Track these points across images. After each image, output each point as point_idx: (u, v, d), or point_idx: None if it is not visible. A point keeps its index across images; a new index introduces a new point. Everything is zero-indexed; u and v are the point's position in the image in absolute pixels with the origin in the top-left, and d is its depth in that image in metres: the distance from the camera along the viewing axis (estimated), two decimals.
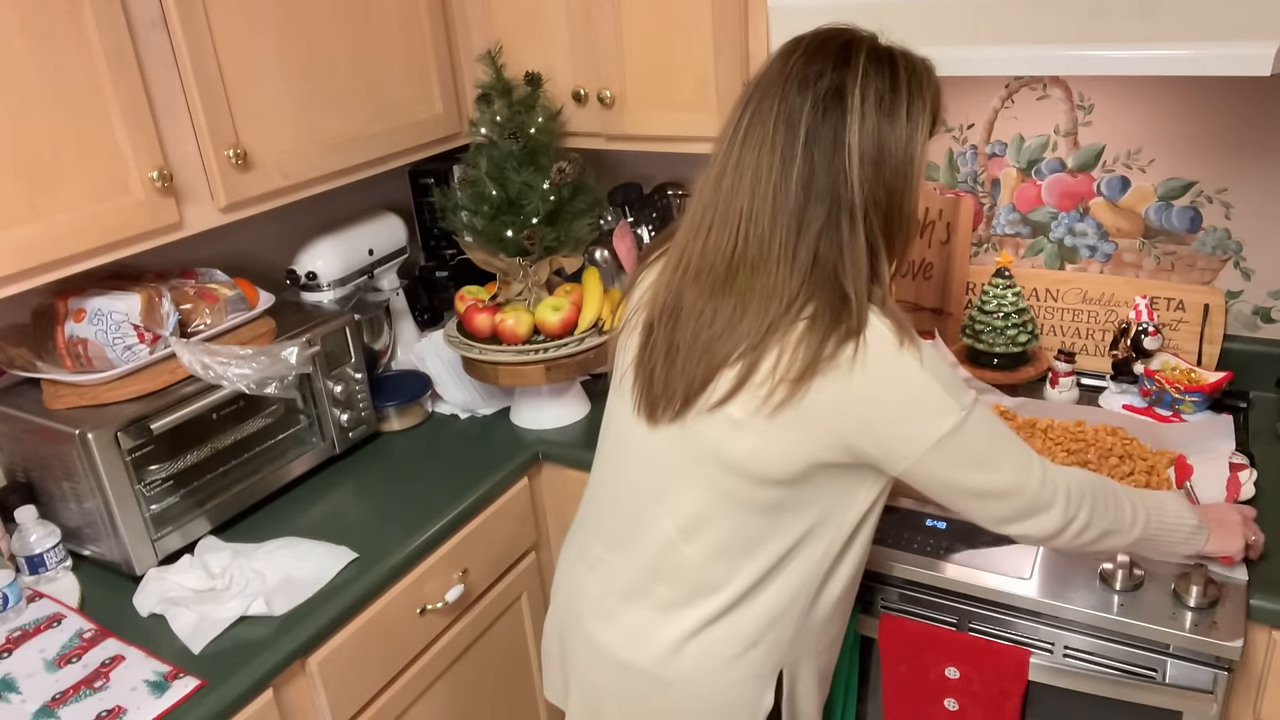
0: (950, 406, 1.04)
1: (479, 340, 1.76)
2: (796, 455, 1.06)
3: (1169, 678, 1.28)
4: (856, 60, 1.03)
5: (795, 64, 1.05)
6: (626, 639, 1.19)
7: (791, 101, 1.03)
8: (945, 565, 1.37)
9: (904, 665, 1.43)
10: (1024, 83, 1.80)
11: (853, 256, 1.03)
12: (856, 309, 1.02)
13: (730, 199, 1.06)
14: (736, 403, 1.06)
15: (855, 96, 1.02)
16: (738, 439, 1.07)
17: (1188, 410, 1.64)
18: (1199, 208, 1.74)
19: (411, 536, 1.51)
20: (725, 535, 1.12)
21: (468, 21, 1.86)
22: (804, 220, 1.02)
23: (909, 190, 1.05)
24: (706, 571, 1.14)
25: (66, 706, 1.19)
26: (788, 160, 1.02)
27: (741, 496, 1.10)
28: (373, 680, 1.45)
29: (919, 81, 1.07)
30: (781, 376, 1.03)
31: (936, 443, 1.04)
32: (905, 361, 1.03)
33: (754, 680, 1.16)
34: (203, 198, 1.46)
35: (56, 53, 1.25)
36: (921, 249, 1.95)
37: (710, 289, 1.08)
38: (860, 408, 1.03)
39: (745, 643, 1.15)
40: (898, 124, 1.03)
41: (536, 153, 1.70)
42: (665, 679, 1.16)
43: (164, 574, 1.40)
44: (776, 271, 1.03)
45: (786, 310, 1.03)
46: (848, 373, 1.02)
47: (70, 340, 1.43)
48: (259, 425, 1.59)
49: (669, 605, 1.16)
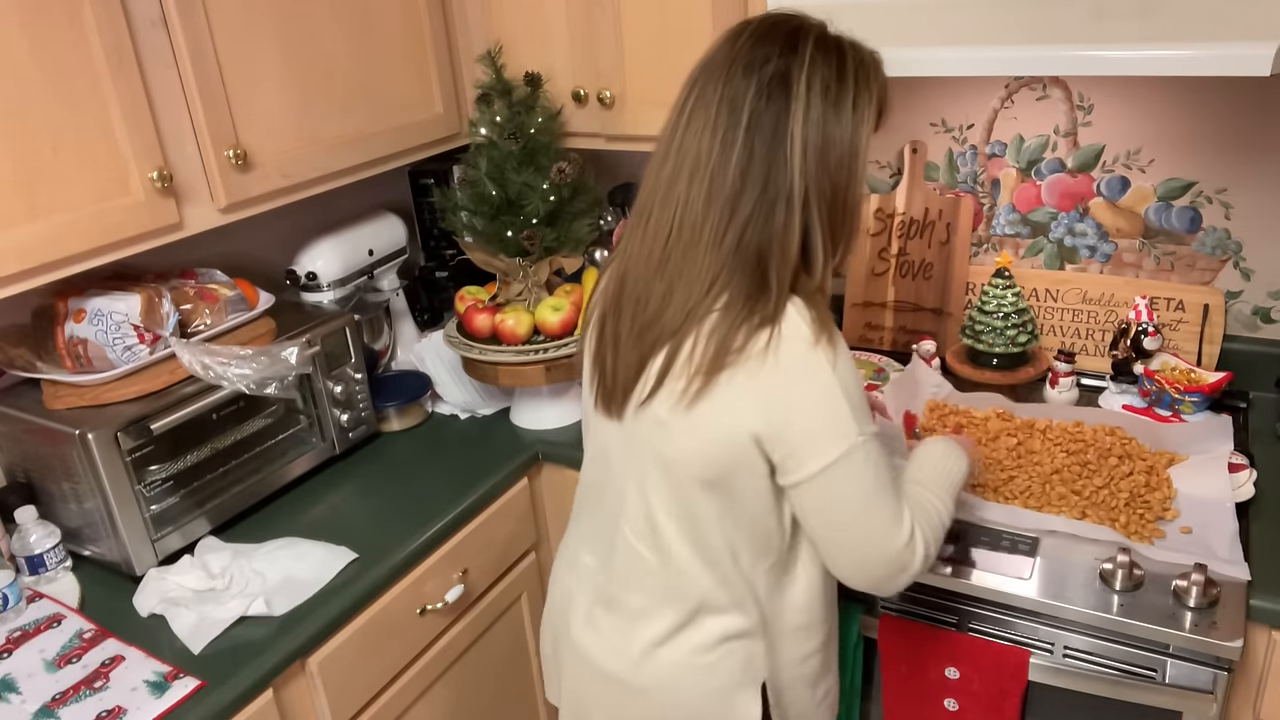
0: (849, 430, 1.01)
1: (479, 340, 1.76)
2: (717, 453, 1.04)
3: (1169, 678, 1.28)
4: (804, 47, 1.01)
5: (742, 47, 1.03)
6: (604, 647, 1.18)
7: (735, 86, 1.01)
8: (945, 565, 1.37)
9: (904, 665, 1.43)
10: (1024, 83, 1.80)
11: (783, 246, 1.00)
12: (775, 299, 0.99)
13: (671, 184, 1.04)
14: (660, 399, 1.05)
15: (801, 84, 0.99)
16: (667, 439, 1.06)
17: (1187, 410, 1.64)
18: (1199, 208, 1.74)
19: (411, 536, 1.51)
20: (677, 541, 1.10)
21: (468, 21, 1.86)
22: (737, 206, 1.00)
23: (853, 182, 1.03)
24: (667, 579, 1.12)
25: (66, 707, 1.19)
26: (728, 145, 1.00)
27: (684, 499, 1.08)
28: (373, 680, 1.45)
29: (866, 72, 1.04)
30: (696, 368, 1.01)
31: (830, 464, 1.01)
32: (817, 361, 0.99)
33: (734, 689, 1.13)
34: (203, 198, 1.46)
35: (56, 52, 1.25)
36: (921, 249, 1.96)
37: (647, 275, 1.05)
38: (768, 402, 1.00)
39: (717, 651, 1.12)
40: (843, 114, 1.01)
41: (536, 153, 1.70)
42: (642, 687, 1.15)
43: (164, 574, 1.40)
44: (702, 257, 1.01)
45: (704, 296, 1.01)
46: (759, 365, 0.99)
47: (70, 340, 1.43)
48: (259, 425, 1.59)
49: (639, 614, 1.14)
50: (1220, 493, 1.41)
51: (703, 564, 1.10)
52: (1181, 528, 1.38)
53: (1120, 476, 1.48)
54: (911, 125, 1.93)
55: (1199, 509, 1.41)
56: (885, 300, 2.01)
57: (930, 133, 1.91)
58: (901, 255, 1.98)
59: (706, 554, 1.10)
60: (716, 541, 1.09)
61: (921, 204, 1.94)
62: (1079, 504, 1.43)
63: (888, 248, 1.99)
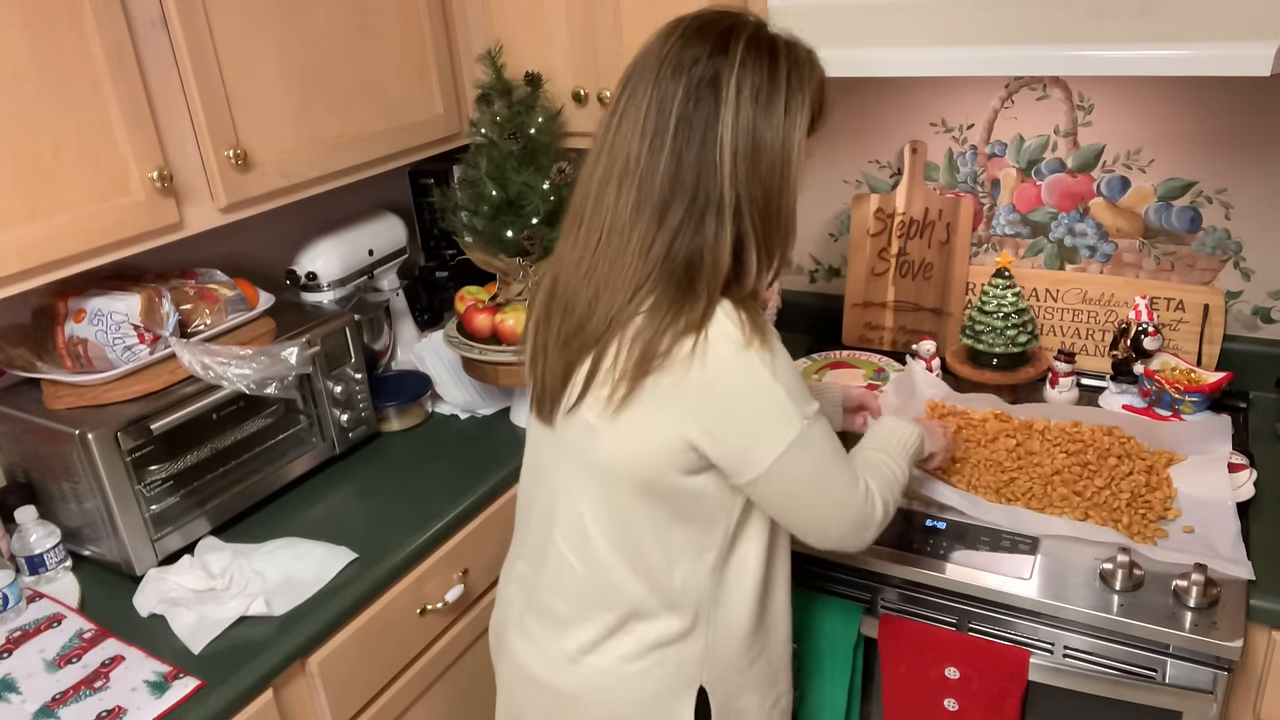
0: (792, 417, 1.00)
1: (479, 340, 1.76)
2: (647, 458, 1.03)
3: (1169, 678, 1.28)
4: (735, 48, 0.98)
5: (672, 47, 1.01)
6: (535, 654, 1.17)
7: (665, 88, 0.99)
8: (945, 565, 1.37)
9: (904, 665, 1.43)
10: (1024, 83, 1.80)
11: (714, 257, 0.98)
12: (704, 305, 0.98)
13: (601, 188, 1.02)
14: (587, 404, 1.04)
15: (730, 88, 0.97)
16: (595, 444, 1.05)
17: (1187, 410, 1.64)
18: (1199, 208, 1.74)
19: (411, 536, 1.51)
20: (605, 549, 1.09)
21: (468, 21, 1.86)
22: (665, 215, 0.98)
23: (786, 188, 1.01)
24: (595, 586, 1.11)
25: (66, 707, 1.19)
26: (656, 150, 0.98)
27: (614, 505, 1.07)
28: (373, 680, 1.45)
29: (800, 74, 1.01)
30: (621, 374, 1.00)
31: (780, 455, 1.01)
32: (748, 362, 0.98)
33: (664, 696, 1.12)
34: (203, 198, 1.45)
35: (56, 52, 1.25)
36: (921, 249, 1.96)
37: (575, 282, 1.04)
38: (700, 407, 0.99)
39: (647, 659, 1.11)
40: (774, 118, 0.98)
41: (536, 153, 1.70)
42: (573, 695, 1.14)
43: (164, 574, 1.39)
44: (629, 265, 0.99)
45: (628, 302, 0.99)
46: (684, 370, 0.97)
47: (70, 340, 1.43)
48: (259, 425, 1.59)
49: (568, 620, 1.14)
50: (1221, 492, 1.41)
51: (632, 570, 1.09)
52: (1183, 527, 1.38)
53: (1120, 476, 1.48)
54: (911, 125, 1.93)
55: (1200, 509, 1.41)
56: (885, 300, 2.01)
57: (930, 133, 1.91)
58: (901, 255, 1.98)
59: (636, 560, 1.09)
60: (649, 547, 1.08)
61: (921, 204, 1.94)
62: (1081, 505, 1.43)
63: (888, 248, 1.99)
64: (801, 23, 1.12)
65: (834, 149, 2.02)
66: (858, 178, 2.02)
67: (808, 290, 2.18)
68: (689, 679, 1.13)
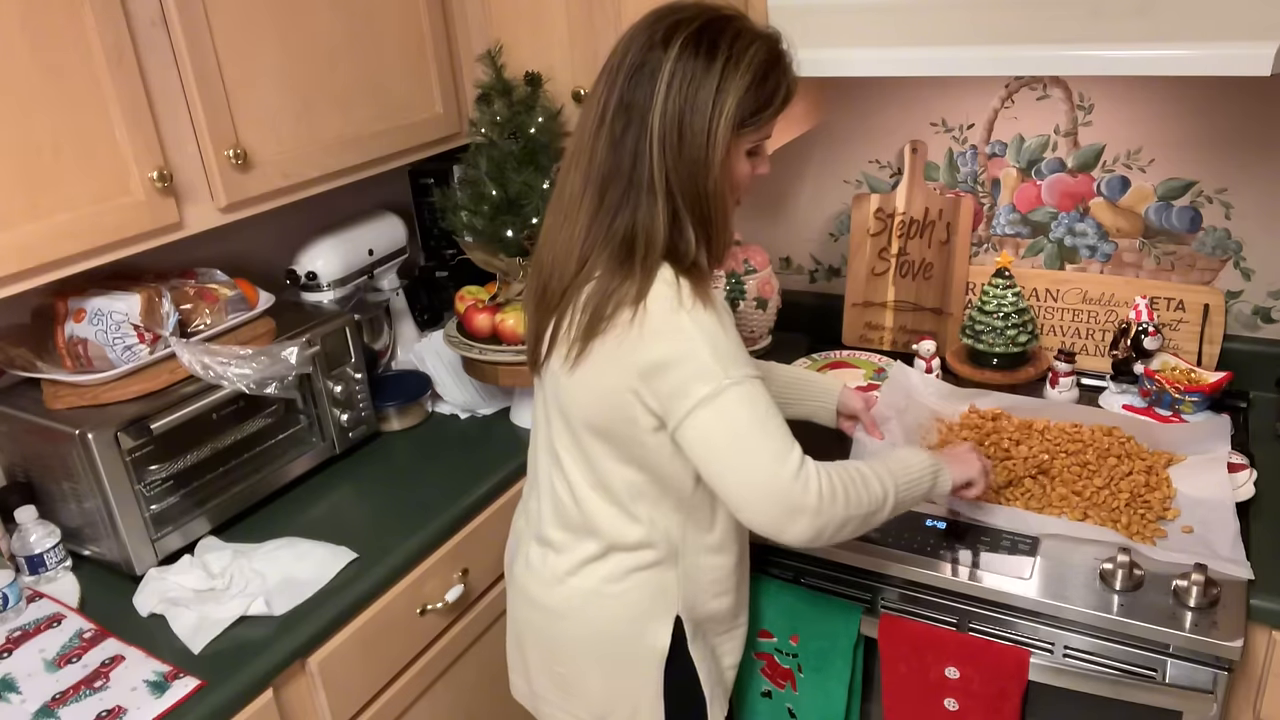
0: (713, 373, 1.07)
1: (479, 340, 1.76)
2: (600, 407, 1.15)
3: (1169, 678, 1.28)
4: (675, 41, 1.08)
5: (630, 42, 1.11)
6: (532, 577, 1.31)
7: (615, 79, 1.10)
8: (945, 565, 1.37)
9: (904, 665, 1.43)
10: (1024, 83, 1.80)
11: (647, 230, 1.09)
12: (641, 274, 1.09)
13: (565, 172, 1.16)
14: (554, 359, 1.18)
15: (663, 77, 1.07)
16: (562, 391, 1.19)
17: (1188, 410, 1.64)
18: (1199, 208, 1.74)
19: (411, 536, 1.51)
20: (583, 486, 1.23)
21: (468, 21, 1.86)
22: (605, 194, 1.11)
23: (710, 172, 1.09)
24: (581, 517, 1.24)
25: (66, 706, 1.19)
26: (600, 137, 1.11)
27: (580, 444, 1.21)
28: (373, 680, 1.45)
29: (736, 63, 1.08)
30: (575, 335, 1.13)
31: (694, 408, 1.07)
32: (678, 322, 1.08)
33: (642, 619, 1.24)
34: (203, 198, 1.45)
35: (56, 52, 1.25)
36: (921, 249, 1.96)
37: (546, 255, 1.18)
38: (638, 363, 1.09)
39: (626, 581, 1.24)
40: (700, 105, 1.07)
41: (536, 153, 1.70)
42: (561, 612, 1.27)
43: (164, 574, 1.40)
44: (579, 237, 1.13)
45: (578, 272, 1.13)
46: (625, 331, 1.09)
47: (70, 340, 1.43)
48: (259, 425, 1.59)
49: (560, 546, 1.27)
50: (1220, 492, 1.41)
51: (607, 503, 1.22)
52: (1183, 527, 1.38)
53: (1120, 476, 1.48)
54: (911, 125, 1.93)
55: (1199, 509, 1.41)
56: (885, 300, 2.01)
57: (930, 132, 1.91)
58: (901, 255, 1.98)
59: (608, 495, 1.22)
60: (616, 484, 1.21)
61: (922, 204, 1.94)
62: (1080, 505, 1.43)
63: (888, 248, 1.99)
64: (801, 22, 1.13)
65: (834, 149, 2.02)
66: (858, 177, 2.02)
67: (808, 290, 2.18)
68: (669, 604, 1.25)
